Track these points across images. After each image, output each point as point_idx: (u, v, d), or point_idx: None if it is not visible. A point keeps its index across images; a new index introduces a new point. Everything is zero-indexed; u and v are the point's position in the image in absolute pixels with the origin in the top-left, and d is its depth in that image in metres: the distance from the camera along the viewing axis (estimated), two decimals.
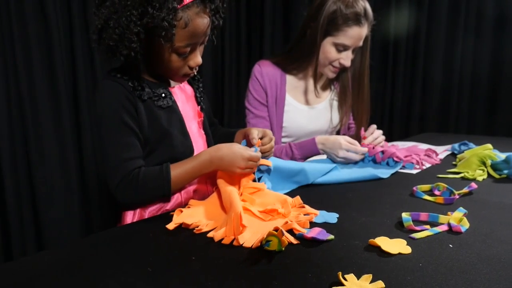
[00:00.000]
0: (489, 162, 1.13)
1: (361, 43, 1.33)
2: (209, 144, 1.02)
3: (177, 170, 0.84)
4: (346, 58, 1.33)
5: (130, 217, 0.89)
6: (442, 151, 1.45)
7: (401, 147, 1.47)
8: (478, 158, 1.15)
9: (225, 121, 2.50)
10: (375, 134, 1.29)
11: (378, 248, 0.65)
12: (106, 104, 0.84)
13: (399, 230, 0.74)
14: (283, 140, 1.46)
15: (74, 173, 1.81)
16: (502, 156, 1.14)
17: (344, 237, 0.71)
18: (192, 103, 1.00)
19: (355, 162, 1.24)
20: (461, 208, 0.79)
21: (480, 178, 1.08)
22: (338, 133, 1.57)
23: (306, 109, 1.46)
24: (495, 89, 2.23)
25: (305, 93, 1.47)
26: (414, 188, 0.96)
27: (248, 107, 1.43)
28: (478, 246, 0.67)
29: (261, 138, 0.96)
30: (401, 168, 1.20)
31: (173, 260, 0.62)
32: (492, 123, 2.27)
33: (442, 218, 0.77)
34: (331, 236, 0.70)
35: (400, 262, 0.61)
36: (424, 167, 1.22)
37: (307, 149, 1.29)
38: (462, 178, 1.10)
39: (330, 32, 1.30)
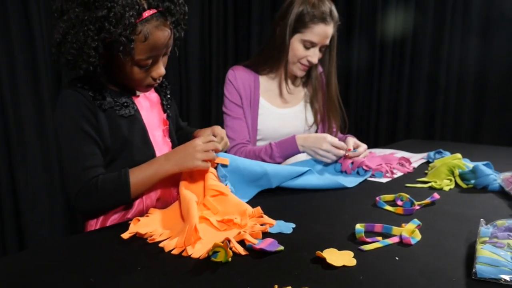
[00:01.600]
0: (457, 171, 1.14)
1: (327, 42, 1.37)
2: None
3: (135, 174, 0.85)
4: (313, 55, 1.37)
5: (93, 226, 0.89)
6: (418, 159, 1.46)
7: (378, 155, 1.49)
8: (447, 168, 1.16)
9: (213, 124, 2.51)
10: (360, 149, 1.30)
11: (324, 260, 0.66)
12: (66, 113, 0.85)
13: (351, 241, 0.75)
14: (259, 143, 1.47)
15: (57, 175, 1.82)
16: (471, 165, 1.14)
17: (294, 249, 0.72)
18: (158, 110, 1.01)
19: (326, 164, 1.25)
20: (415, 220, 0.80)
21: (446, 188, 1.09)
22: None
23: (280, 112, 1.48)
24: (481, 96, 2.24)
25: (279, 95, 1.49)
26: (377, 198, 0.97)
27: (225, 111, 1.45)
28: (424, 259, 0.67)
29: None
30: (371, 177, 1.21)
31: (119, 270, 0.63)
32: (479, 130, 2.28)
33: (395, 230, 0.78)
34: (281, 247, 0.71)
35: (341, 275, 0.62)
36: (395, 176, 1.23)
37: (286, 147, 1.30)
38: (430, 187, 1.10)
39: (298, 30, 1.35)
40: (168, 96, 1.06)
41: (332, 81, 1.47)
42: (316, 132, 1.56)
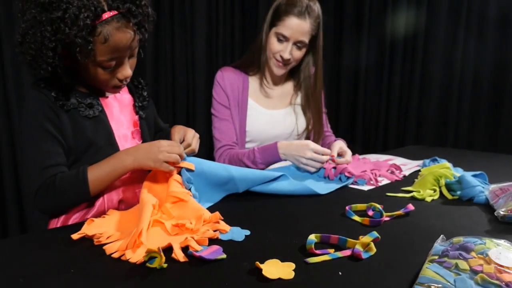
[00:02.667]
0: (443, 181, 1.08)
1: (301, 38, 1.32)
2: None
3: (94, 171, 0.85)
4: (285, 50, 1.34)
5: (54, 224, 0.90)
6: (413, 166, 1.39)
7: (373, 161, 1.43)
8: (433, 177, 1.10)
9: None
10: (342, 160, 1.26)
11: (261, 272, 0.64)
12: (29, 113, 0.86)
13: (300, 252, 0.72)
14: (248, 145, 1.45)
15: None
16: (458, 175, 1.08)
17: (236, 258, 0.69)
18: (129, 112, 1.01)
19: (311, 172, 1.22)
20: (373, 232, 0.76)
21: (429, 199, 1.03)
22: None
23: (268, 113, 1.45)
24: (498, 100, 2.11)
25: (268, 96, 1.46)
26: (347, 207, 0.93)
27: (213, 112, 1.44)
28: (368, 275, 0.64)
29: (182, 142, 0.98)
30: (353, 184, 1.17)
31: (51, 271, 0.64)
32: (495, 136, 2.15)
33: (350, 242, 0.74)
34: (223, 256, 0.69)
35: None
36: (380, 184, 1.18)
37: (268, 154, 1.27)
38: (412, 197, 1.05)
39: (274, 23, 1.35)
40: (146, 97, 1.06)
41: (317, 84, 1.45)
42: (308, 137, 1.52)
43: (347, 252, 0.71)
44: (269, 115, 1.45)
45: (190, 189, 0.93)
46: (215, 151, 1.41)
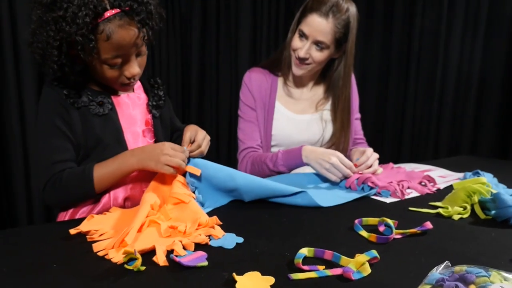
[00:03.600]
0: (476, 198, 0.96)
1: (320, 37, 1.24)
2: None
3: (100, 169, 0.88)
4: (302, 48, 1.27)
5: (62, 217, 0.94)
6: (453, 179, 1.26)
7: (408, 170, 1.33)
8: (465, 193, 0.99)
9: None
10: (368, 162, 1.19)
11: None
12: (42, 109, 0.91)
13: (287, 266, 0.67)
14: (273, 149, 1.41)
15: None
16: (494, 191, 0.95)
17: (218, 266, 0.67)
18: (142, 110, 1.02)
19: (331, 182, 1.15)
20: (372, 251, 0.69)
21: (456, 217, 0.92)
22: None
23: (296, 118, 1.40)
24: None
25: (296, 100, 1.41)
26: (357, 220, 0.86)
27: (239, 113, 1.42)
28: None
29: (192, 142, 0.97)
30: (375, 195, 1.08)
31: (34, 265, 0.66)
32: None
33: (344, 260, 0.68)
34: (203, 263, 0.67)
35: None
36: (406, 196, 1.08)
37: (291, 156, 1.22)
38: (437, 214, 0.95)
39: (299, 20, 1.29)
40: (161, 96, 1.07)
41: (344, 91, 1.37)
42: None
43: (337, 271, 0.66)
44: (295, 120, 1.39)
45: (194, 191, 0.92)
46: (238, 153, 1.39)
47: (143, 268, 0.65)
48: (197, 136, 0.99)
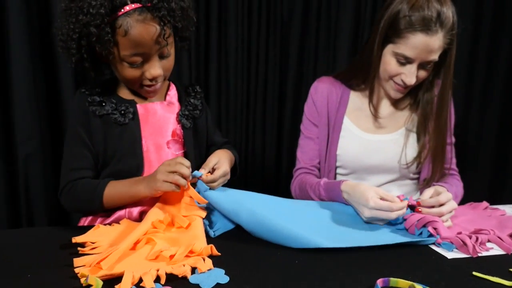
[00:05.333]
0: None
1: (431, 57, 1.01)
2: None
3: (113, 187, 0.87)
4: (408, 74, 1.04)
5: (82, 222, 0.97)
6: None
7: (506, 215, 1.03)
8: None
9: None
10: (433, 210, 0.92)
11: None
12: (69, 116, 0.95)
13: None
14: (338, 171, 1.23)
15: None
16: None
17: None
18: (171, 120, 0.98)
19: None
20: None
21: None
22: (419, 174, 1.21)
23: (367, 137, 1.18)
24: None
25: (371, 117, 1.20)
26: (382, 279, 0.67)
27: (301, 127, 1.28)
28: None
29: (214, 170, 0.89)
30: (434, 244, 0.84)
31: (13, 272, 0.67)
32: None
33: None
34: None
35: None
36: (482, 253, 0.81)
37: (333, 194, 1.05)
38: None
39: (390, 39, 1.04)
40: (197, 106, 1.02)
41: (443, 107, 1.11)
42: (419, 174, 1.20)
43: None
44: (366, 140, 1.18)
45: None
46: (294, 171, 1.26)
47: None
48: (218, 171, 0.89)
